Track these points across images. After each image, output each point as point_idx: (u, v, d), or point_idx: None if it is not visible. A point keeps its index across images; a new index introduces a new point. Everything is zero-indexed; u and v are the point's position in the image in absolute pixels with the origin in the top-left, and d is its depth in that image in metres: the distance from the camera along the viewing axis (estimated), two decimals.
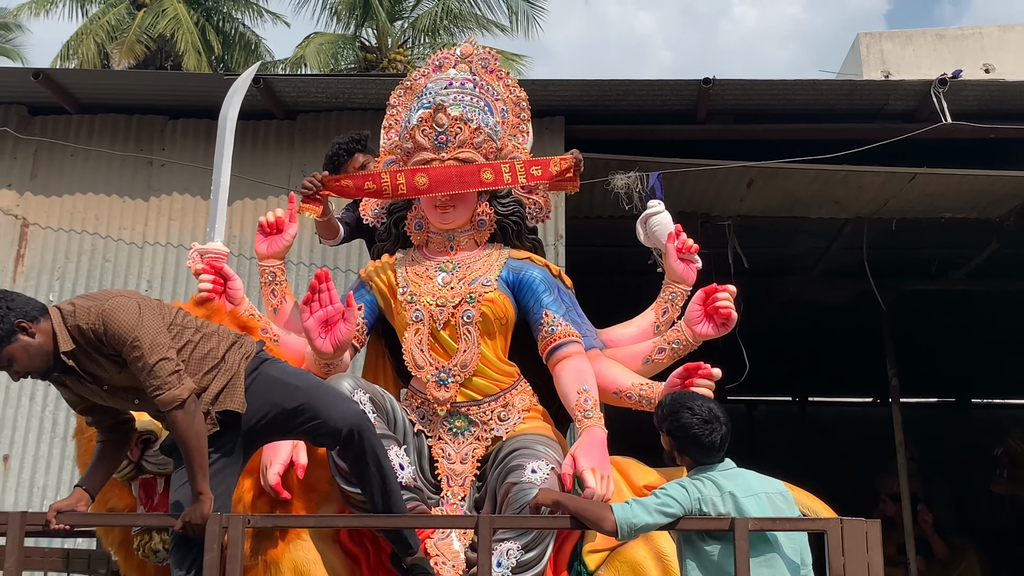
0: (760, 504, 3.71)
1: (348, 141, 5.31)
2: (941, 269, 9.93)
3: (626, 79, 7.72)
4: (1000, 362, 12.55)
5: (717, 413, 3.82)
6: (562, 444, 4.51)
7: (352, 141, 5.31)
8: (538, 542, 4.02)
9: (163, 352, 3.59)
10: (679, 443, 3.84)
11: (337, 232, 5.28)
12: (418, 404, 4.59)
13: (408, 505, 4.17)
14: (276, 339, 4.65)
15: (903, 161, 7.89)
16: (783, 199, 8.51)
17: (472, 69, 4.97)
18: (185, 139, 8.10)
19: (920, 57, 12.68)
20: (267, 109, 7.88)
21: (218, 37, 21.78)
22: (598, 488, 3.99)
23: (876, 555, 3.55)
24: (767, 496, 3.77)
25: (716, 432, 3.79)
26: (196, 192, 7.90)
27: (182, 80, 10.26)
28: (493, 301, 4.56)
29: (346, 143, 5.31)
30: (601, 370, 4.53)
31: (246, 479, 4.25)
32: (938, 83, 7.52)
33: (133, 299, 3.68)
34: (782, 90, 7.82)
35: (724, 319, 4.55)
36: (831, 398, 14.93)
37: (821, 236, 9.57)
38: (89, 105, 8.13)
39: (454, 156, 4.69)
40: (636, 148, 7.86)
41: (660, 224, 5.12)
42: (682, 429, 3.80)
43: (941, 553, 10.40)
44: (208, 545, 3.66)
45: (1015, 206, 8.49)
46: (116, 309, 3.60)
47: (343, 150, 5.30)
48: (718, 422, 3.80)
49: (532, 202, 5.00)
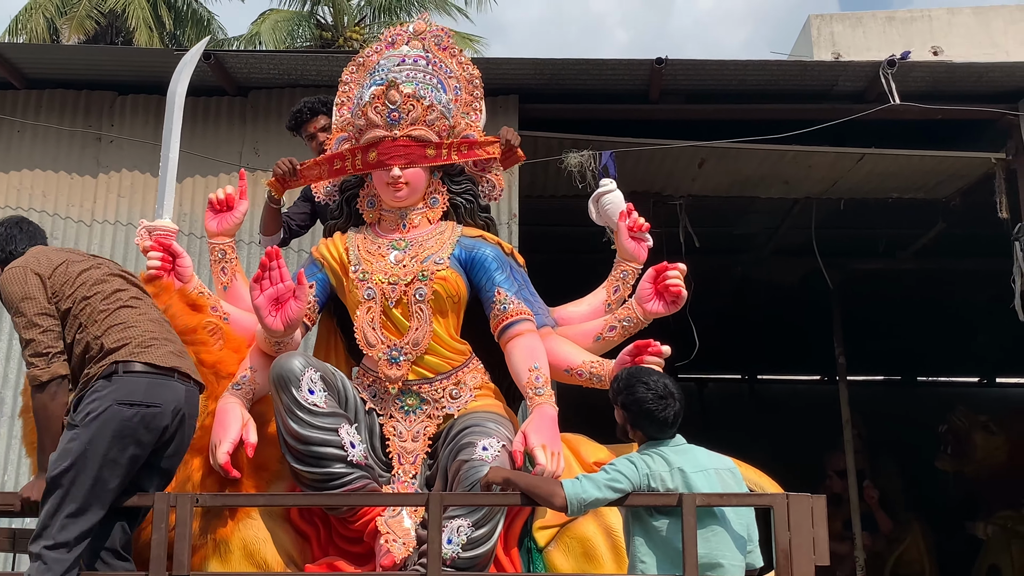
0: (709, 480, 3.76)
1: (315, 102, 5.48)
2: (888, 249, 10.09)
3: (580, 58, 7.72)
4: (945, 340, 12.75)
5: (672, 389, 3.86)
6: (513, 422, 4.53)
7: (318, 102, 5.47)
8: (488, 519, 4.04)
9: (36, 332, 3.77)
10: (632, 417, 3.87)
11: (279, 229, 5.33)
12: (369, 382, 4.59)
13: (359, 483, 4.19)
14: (226, 317, 4.62)
15: (852, 142, 7.99)
16: (734, 179, 8.59)
17: (425, 46, 4.94)
18: (135, 115, 8.00)
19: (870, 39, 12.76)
20: (218, 85, 7.80)
21: (170, 13, 21.49)
22: (548, 465, 4.02)
23: (821, 530, 3.61)
24: (716, 472, 3.82)
25: (670, 408, 3.82)
26: (146, 169, 7.80)
27: (132, 55, 10.12)
28: (445, 279, 4.57)
29: (311, 103, 5.48)
30: (552, 348, 4.56)
31: (195, 457, 4.25)
32: (887, 64, 7.58)
33: (28, 269, 3.85)
34: (733, 70, 7.85)
35: (674, 297, 4.59)
36: (780, 376, 15.10)
37: (771, 216, 9.67)
38: (37, 80, 8.00)
39: (407, 133, 4.68)
40: (589, 127, 7.88)
41: (612, 203, 5.14)
42: (636, 403, 3.83)
43: (886, 528, 10.59)
44: (156, 524, 3.66)
45: (961, 186, 8.62)
46: (9, 281, 3.84)
47: (307, 108, 5.49)
48: (672, 398, 3.83)
49: (485, 180, 5.00)
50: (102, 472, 3.67)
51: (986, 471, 10.47)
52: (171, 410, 3.80)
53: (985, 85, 7.85)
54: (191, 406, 3.95)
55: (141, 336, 3.84)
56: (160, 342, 3.88)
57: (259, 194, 7.65)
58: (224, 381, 4.43)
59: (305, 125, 5.49)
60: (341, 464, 4.17)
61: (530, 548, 4.35)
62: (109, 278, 3.97)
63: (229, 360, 4.49)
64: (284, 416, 4.17)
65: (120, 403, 3.71)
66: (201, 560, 4.16)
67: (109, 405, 3.70)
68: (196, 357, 4.37)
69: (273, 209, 5.28)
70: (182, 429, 3.89)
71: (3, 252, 4.09)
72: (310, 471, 4.15)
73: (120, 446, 3.69)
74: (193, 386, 3.97)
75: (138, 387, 3.75)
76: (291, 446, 4.17)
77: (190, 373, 3.95)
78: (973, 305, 11.46)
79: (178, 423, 3.85)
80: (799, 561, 3.55)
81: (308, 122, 5.47)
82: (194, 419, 4.01)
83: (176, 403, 3.83)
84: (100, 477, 3.66)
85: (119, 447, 3.69)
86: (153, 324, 3.94)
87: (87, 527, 3.64)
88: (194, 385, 3.98)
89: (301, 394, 4.17)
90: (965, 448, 10.58)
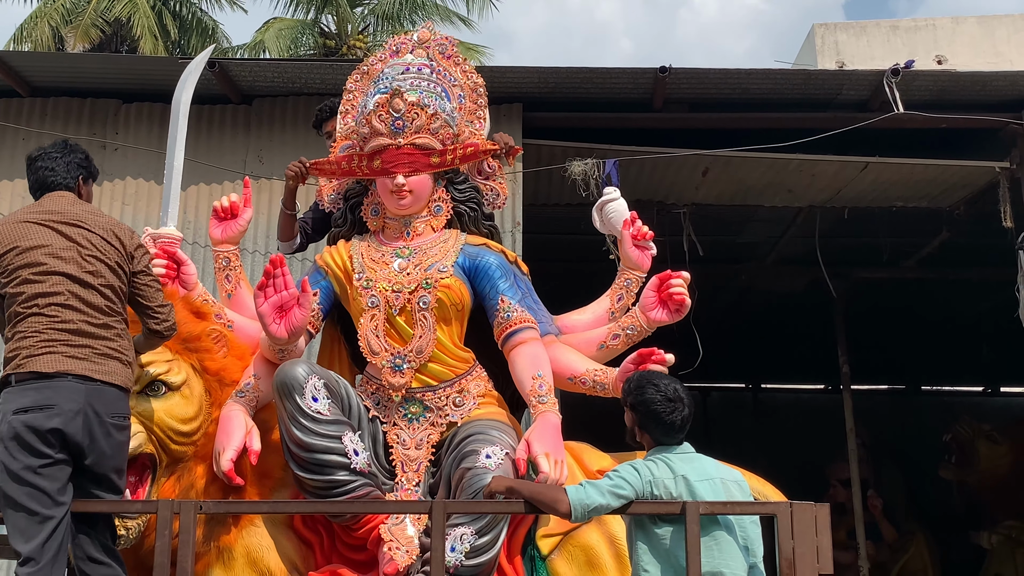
0: (715, 490, 3.74)
1: (337, 103, 5.43)
2: (892, 257, 10.07)
3: (584, 67, 7.74)
4: (949, 350, 12.74)
5: (681, 394, 3.85)
6: (516, 430, 4.53)
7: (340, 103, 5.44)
8: (492, 527, 4.04)
9: None
10: (640, 419, 3.86)
11: (295, 235, 5.33)
12: (373, 390, 4.59)
13: (362, 491, 4.18)
14: (230, 325, 4.62)
15: (856, 150, 7.99)
16: (737, 187, 8.59)
17: (429, 55, 4.95)
18: (139, 123, 8.02)
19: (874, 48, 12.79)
20: (223, 93, 7.82)
21: (175, 21, 21.54)
22: (552, 472, 4.01)
23: (825, 539, 3.60)
24: (722, 482, 3.80)
25: (678, 412, 3.81)
26: (150, 177, 7.83)
27: (136, 63, 10.14)
28: (449, 287, 4.57)
29: (332, 103, 5.45)
30: (556, 356, 4.55)
31: (199, 465, 4.25)
32: (891, 73, 7.60)
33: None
34: (737, 79, 7.87)
35: (678, 305, 4.59)
36: (783, 385, 15.09)
37: (774, 224, 9.68)
38: (42, 88, 8.03)
39: (411, 141, 4.69)
40: (593, 136, 7.90)
41: (616, 211, 5.14)
42: (644, 404, 3.83)
43: (890, 538, 10.58)
44: (159, 531, 3.65)
45: (965, 195, 8.62)
46: None
47: (328, 107, 5.48)
48: (681, 403, 3.83)
49: (489, 188, 5.01)
50: (13, 486, 3.64)
51: (990, 480, 10.47)
52: (69, 410, 3.70)
53: (989, 94, 7.86)
54: (104, 404, 3.78)
55: (32, 348, 3.76)
56: (56, 348, 3.77)
57: (263, 202, 7.69)
58: (228, 388, 4.43)
59: (325, 123, 5.52)
60: (344, 472, 4.16)
61: (533, 556, 4.34)
62: (42, 277, 3.85)
63: (233, 367, 4.49)
64: (288, 423, 4.17)
65: (15, 412, 3.68)
66: (205, 568, 4.16)
67: (3, 417, 3.69)
68: (200, 364, 4.39)
69: (288, 215, 5.29)
70: (94, 430, 3.74)
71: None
72: (313, 478, 4.15)
73: (22, 456, 3.65)
74: (101, 385, 3.80)
75: (27, 395, 3.71)
76: (294, 453, 4.16)
77: (89, 374, 3.78)
78: (977, 314, 11.47)
79: (84, 424, 3.72)
80: (802, 570, 3.54)
81: (327, 120, 5.50)
82: (117, 418, 3.84)
83: (75, 403, 3.71)
84: (15, 491, 3.64)
85: (22, 458, 3.65)
86: (58, 332, 3.80)
87: (42, 538, 3.60)
88: (102, 384, 3.80)
89: (305, 401, 4.17)
90: (969, 457, 10.58)
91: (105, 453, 3.80)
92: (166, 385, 4.24)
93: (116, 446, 3.85)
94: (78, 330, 3.83)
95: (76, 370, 3.78)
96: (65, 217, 3.97)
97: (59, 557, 3.65)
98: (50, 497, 3.66)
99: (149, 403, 4.18)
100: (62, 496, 3.69)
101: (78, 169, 4.18)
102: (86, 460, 3.76)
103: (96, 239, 3.95)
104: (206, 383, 4.39)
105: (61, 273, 3.87)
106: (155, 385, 4.22)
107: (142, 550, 4.06)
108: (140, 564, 4.02)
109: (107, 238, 3.97)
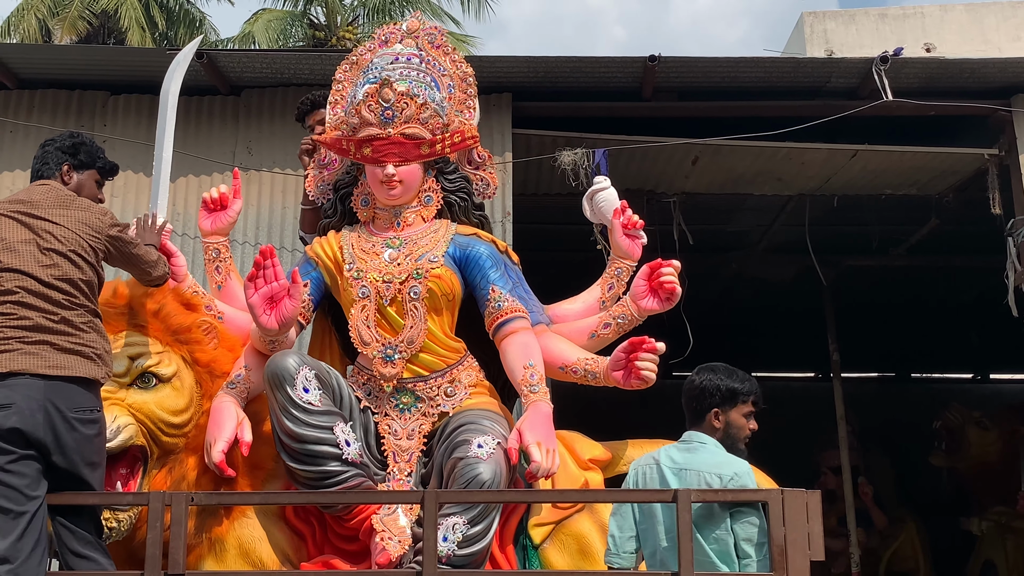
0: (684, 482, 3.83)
1: (318, 95, 5.46)
2: (882, 245, 10.09)
3: (573, 56, 7.72)
4: (939, 337, 12.77)
5: (697, 382, 4.07)
6: (508, 419, 4.53)
7: (322, 96, 5.42)
8: (484, 516, 4.03)
9: None
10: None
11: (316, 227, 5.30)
12: (364, 380, 4.59)
13: (354, 481, 4.18)
14: (220, 316, 4.61)
15: (845, 138, 7.99)
16: (727, 176, 8.59)
17: (419, 44, 4.94)
18: (127, 115, 7.98)
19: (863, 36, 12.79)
20: (211, 84, 7.79)
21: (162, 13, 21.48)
22: (543, 462, 4.02)
23: (816, 525, 3.61)
24: (700, 475, 3.86)
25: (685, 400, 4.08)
26: (139, 169, 7.78)
27: (124, 55, 10.10)
28: (440, 277, 4.57)
29: (313, 96, 5.49)
30: (547, 345, 4.55)
31: (190, 456, 4.24)
32: (879, 60, 7.60)
33: None
34: (726, 67, 7.86)
35: (668, 294, 4.59)
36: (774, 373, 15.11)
37: (764, 213, 9.69)
38: (29, 80, 7.98)
39: (400, 131, 4.67)
40: (583, 125, 7.89)
41: (606, 200, 5.14)
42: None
43: (881, 524, 10.60)
44: (151, 523, 3.65)
45: (954, 182, 8.63)
46: None
47: (308, 100, 5.52)
48: (690, 390, 4.08)
49: (479, 178, 5.01)
50: None
51: (979, 467, 10.49)
52: (27, 408, 3.66)
53: (978, 81, 7.86)
54: (65, 399, 3.74)
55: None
56: (11, 346, 3.72)
57: (252, 193, 7.68)
58: (219, 380, 4.42)
59: (307, 116, 5.54)
60: (336, 462, 4.16)
61: (525, 545, 4.36)
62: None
63: (224, 359, 4.48)
64: (279, 414, 4.16)
65: None
66: (197, 559, 4.16)
67: None
68: (191, 356, 4.38)
69: (308, 209, 5.29)
70: (57, 425, 3.70)
71: None
72: (305, 469, 4.14)
73: None
74: (60, 381, 3.74)
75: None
76: (286, 444, 4.16)
77: (45, 372, 3.73)
78: (966, 301, 11.50)
79: (46, 420, 3.68)
80: (794, 557, 3.55)
81: (308, 114, 5.51)
82: (83, 411, 3.78)
83: (34, 401, 3.67)
84: None
85: None
86: (13, 330, 3.75)
87: (16, 535, 3.57)
88: (61, 381, 3.75)
89: (296, 392, 4.16)
90: (959, 444, 10.60)
91: (70, 447, 3.74)
92: (156, 377, 4.23)
93: (82, 439, 3.78)
94: (35, 325, 3.77)
95: (31, 368, 3.72)
96: (32, 208, 3.94)
97: (36, 552, 3.62)
98: (21, 493, 3.63)
99: (140, 395, 4.18)
100: (33, 491, 3.66)
101: (61, 156, 4.17)
102: (53, 457, 3.71)
103: (59, 230, 3.91)
104: (197, 375, 4.38)
105: (15, 269, 3.82)
106: (145, 377, 4.21)
107: (134, 542, 4.05)
108: (131, 556, 4.01)
109: (73, 227, 3.93)
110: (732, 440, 4.04)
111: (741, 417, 4.06)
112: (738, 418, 4.05)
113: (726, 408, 4.04)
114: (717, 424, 4.03)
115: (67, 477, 3.77)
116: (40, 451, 3.70)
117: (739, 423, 4.05)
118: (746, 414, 4.07)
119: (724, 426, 4.03)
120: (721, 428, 4.03)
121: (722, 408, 4.04)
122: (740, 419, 4.06)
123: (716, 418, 4.03)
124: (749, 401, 4.07)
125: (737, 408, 4.05)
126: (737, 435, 4.05)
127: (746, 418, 4.07)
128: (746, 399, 4.07)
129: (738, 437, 4.05)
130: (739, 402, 4.05)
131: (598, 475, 4.62)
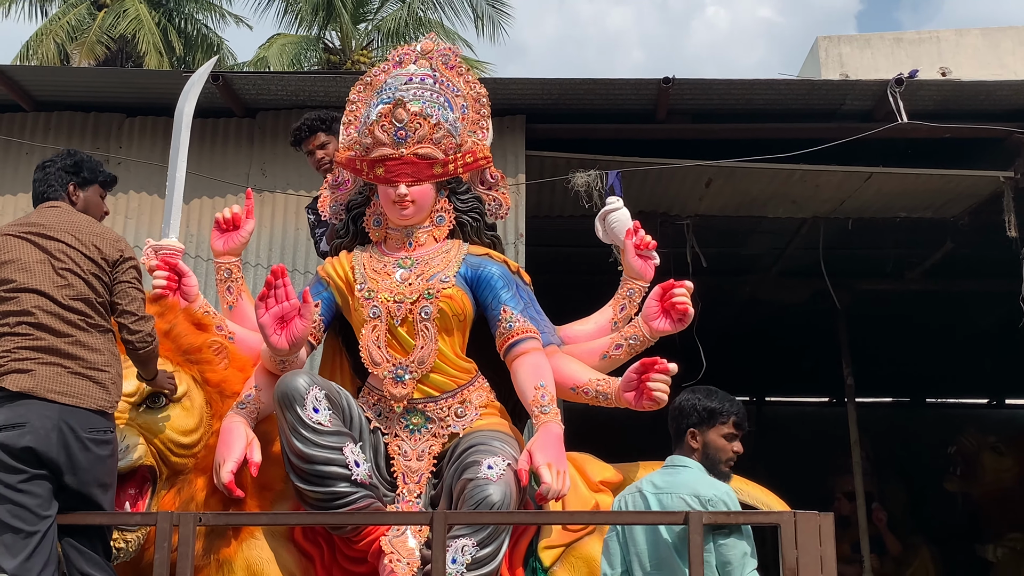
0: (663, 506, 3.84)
1: (314, 119, 5.53)
2: (897, 269, 10.05)
3: (586, 78, 7.73)
4: (954, 362, 12.69)
5: (676, 403, 4.04)
6: (519, 440, 4.51)
7: (317, 119, 5.52)
8: (493, 538, 4.00)
9: None
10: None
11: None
12: (375, 401, 4.57)
13: (363, 502, 4.16)
14: (231, 336, 4.61)
15: (860, 161, 7.97)
16: (741, 198, 8.58)
17: (432, 65, 4.95)
18: (143, 137, 8.02)
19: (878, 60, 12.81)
20: (226, 107, 7.82)
21: (180, 38, 21.64)
22: (554, 484, 3.99)
23: (829, 548, 3.58)
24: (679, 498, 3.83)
25: (668, 422, 4.04)
26: (153, 191, 7.82)
27: (140, 77, 10.15)
28: (451, 297, 4.55)
29: (311, 120, 5.54)
30: (558, 366, 4.53)
31: (199, 477, 4.23)
32: (894, 83, 7.58)
33: None
34: (740, 90, 7.86)
35: (681, 315, 4.57)
36: (788, 397, 15.05)
37: (778, 236, 9.66)
38: (45, 102, 8.03)
39: (413, 151, 4.67)
40: (597, 147, 7.89)
41: (618, 221, 5.13)
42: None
43: (895, 550, 10.51)
44: (159, 543, 3.63)
45: (970, 205, 8.60)
46: None
47: (306, 126, 5.56)
48: (671, 411, 4.04)
49: (491, 198, 5.00)
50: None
51: (994, 492, 10.41)
52: (41, 427, 3.65)
53: (993, 103, 7.84)
54: (79, 421, 3.72)
55: (4, 367, 3.71)
56: (26, 366, 3.72)
57: (266, 215, 7.70)
58: (229, 400, 4.41)
59: (304, 142, 5.55)
60: (345, 483, 4.14)
61: (535, 568, 4.33)
62: (12, 294, 3.82)
63: (234, 379, 4.48)
64: (288, 435, 4.15)
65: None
66: None
67: None
68: (201, 376, 4.37)
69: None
70: (70, 445, 3.69)
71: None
72: (314, 490, 4.13)
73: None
74: (73, 408, 3.73)
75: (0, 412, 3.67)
76: (295, 465, 4.15)
77: (58, 399, 3.71)
78: (982, 326, 11.43)
79: (59, 439, 3.67)
80: None
81: (307, 139, 5.54)
82: (96, 432, 3.78)
83: (48, 420, 3.67)
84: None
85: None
86: (29, 351, 3.75)
87: (26, 554, 3.57)
88: (74, 407, 3.74)
89: (306, 413, 4.15)
90: (974, 469, 10.53)
91: (83, 468, 3.74)
92: (166, 397, 4.22)
93: (95, 460, 3.78)
94: (50, 347, 3.77)
95: (44, 393, 3.71)
96: (46, 230, 3.94)
97: (45, 572, 3.61)
98: (32, 512, 3.63)
99: (149, 415, 4.17)
100: (45, 510, 3.66)
101: (66, 176, 4.16)
102: (65, 477, 3.71)
103: (73, 252, 3.91)
104: (207, 395, 4.37)
105: (31, 289, 3.83)
106: (156, 397, 4.20)
107: (141, 563, 4.03)
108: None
109: (85, 251, 3.93)
110: (712, 462, 3.99)
111: (720, 438, 4.01)
112: (717, 439, 4.00)
113: (703, 428, 4.00)
114: (694, 444, 4.00)
115: (78, 498, 3.77)
116: (52, 471, 3.69)
117: (718, 444, 4.00)
118: (726, 435, 4.02)
119: (702, 447, 4.00)
120: (699, 449, 3.99)
121: (699, 428, 4.00)
122: (719, 440, 4.01)
123: (693, 438, 4.00)
124: (729, 422, 4.02)
125: (715, 428, 4.00)
126: (717, 457, 4.00)
127: (727, 439, 4.02)
128: (725, 420, 4.01)
129: (719, 459, 4.00)
130: (717, 423, 4.01)
131: (609, 497, 4.57)
